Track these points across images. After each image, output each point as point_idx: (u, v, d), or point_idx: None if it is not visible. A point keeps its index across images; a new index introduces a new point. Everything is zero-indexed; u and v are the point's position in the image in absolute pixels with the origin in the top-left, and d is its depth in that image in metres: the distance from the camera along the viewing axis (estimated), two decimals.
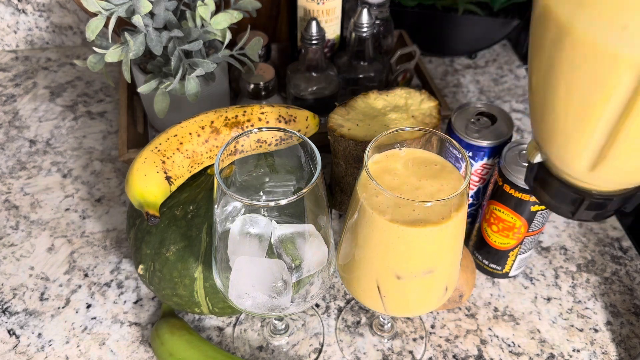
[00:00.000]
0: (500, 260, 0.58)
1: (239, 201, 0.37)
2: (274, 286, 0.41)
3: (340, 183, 0.60)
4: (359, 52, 0.70)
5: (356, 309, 0.58)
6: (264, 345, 0.55)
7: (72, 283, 0.59)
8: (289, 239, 0.42)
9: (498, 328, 0.56)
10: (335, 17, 0.71)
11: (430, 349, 0.54)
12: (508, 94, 0.86)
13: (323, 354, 0.54)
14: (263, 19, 0.78)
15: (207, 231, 0.49)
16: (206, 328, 0.56)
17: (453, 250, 0.41)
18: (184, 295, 0.50)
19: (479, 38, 0.88)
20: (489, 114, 0.57)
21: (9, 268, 0.61)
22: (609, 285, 0.60)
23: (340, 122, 0.56)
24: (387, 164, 0.42)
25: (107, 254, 0.62)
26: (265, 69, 0.70)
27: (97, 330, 0.55)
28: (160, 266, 0.49)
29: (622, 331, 0.56)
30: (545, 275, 0.61)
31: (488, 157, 0.56)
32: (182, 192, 0.52)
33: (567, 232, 0.66)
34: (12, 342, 0.54)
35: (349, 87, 0.72)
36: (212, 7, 0.59)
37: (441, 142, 0.42)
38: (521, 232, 0.54)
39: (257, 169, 0.48)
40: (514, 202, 0.52)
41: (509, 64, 0.92)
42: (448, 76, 0.88)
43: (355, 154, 0.55)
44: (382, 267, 0.41)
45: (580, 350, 0.55)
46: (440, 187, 0.40)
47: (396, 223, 0.38)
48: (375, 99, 0.58)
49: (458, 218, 0.39)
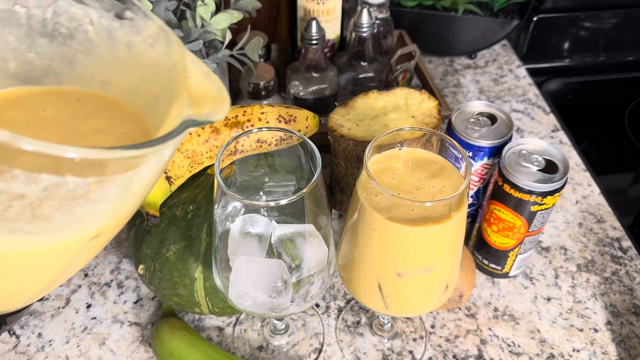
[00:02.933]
0: (500, 260, 0.58)
1: (239, 201, 0.37)
2: (274, 286, 0.41)
3: (340, 183, 0.60)
4: (359, 52, 0.70)
5: (356, 309, 0.58)
6: (264, 345, 0.55)
7: (72, 283, 0.59)
8: (289, 239, 0.42)
9: (498, 328, 0.56)
10: (335, 17, 0.71)
11: (430, 348, 0.54)
12: (508, 94, 0.86)
13: (323, 353, 0.54)
14: (263, 19, 0.78)
15: (207, 231, 0.49)
16: (206, 328, 0.56)
17: (453, 249, 0.41)
18: (184, 295, 0.50)
19: (479, 38, 0.88)
20: (489, 114, 0.57)
21: None
22: (609, 285, 0.60)
23: (340, 122, 0.56)
24: (387, 163, 0.42)
25: (107, 253, 0.62)
26: (265, 69, 0.70)
27: (97, 330, 0.55)
28: (160, 266, 0.49)
29: (622, 331, 0.56)
30: (545, 275, 0.61)
31: (488, 157, 0.56)
32: (182, 192, 0.52)
33: (567, 232, 0.66)
34: (12, 342, 0.54)
35: (349, 87, 0.72)
36: (212, 7, 0.59)
37: (441, 142, 0.42)
38: (521, 232, 0.54)
39: (257, 169, 0.48)
40: (514, 202, 0.52)
41: (508, 64, 0.92)
42: (448, 76, 0.88)
43: (355, 154, 0.55)
44: (382, 266, 0.41)
45: (580, 350, 0.55)
46: (440, 187, 0.40)
47: (396, 222, 0.38)
48: (375, 99, 0.58)
49: (458, 218, 0.39)
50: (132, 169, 0.26)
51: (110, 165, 0.24)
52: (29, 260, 0.27)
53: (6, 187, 0.23)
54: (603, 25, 0.92)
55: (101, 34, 0.33)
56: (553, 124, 0.80)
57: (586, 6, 0.90)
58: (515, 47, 0.94)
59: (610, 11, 0.90)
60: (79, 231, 0.27)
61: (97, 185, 0.25)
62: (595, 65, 0.96)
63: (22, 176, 0.23)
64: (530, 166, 0.52)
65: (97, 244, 0.29)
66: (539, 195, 0.51)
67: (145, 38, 0.33)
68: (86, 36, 0.33)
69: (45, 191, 0.23)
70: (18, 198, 0.23)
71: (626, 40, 0.94)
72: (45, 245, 0.26)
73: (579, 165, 0.74)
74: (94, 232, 0.27)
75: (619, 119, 0.85)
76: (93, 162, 0.23)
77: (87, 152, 0.22)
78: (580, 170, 0.73)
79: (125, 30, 0.33)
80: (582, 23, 0.91)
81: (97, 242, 0.29)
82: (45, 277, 0.29)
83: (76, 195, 0.24)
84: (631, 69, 0.96)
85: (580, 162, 0.74)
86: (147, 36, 0.33)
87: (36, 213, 0.24)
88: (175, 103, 0.31)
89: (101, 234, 0.28)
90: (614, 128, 0.85)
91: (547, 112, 0.83)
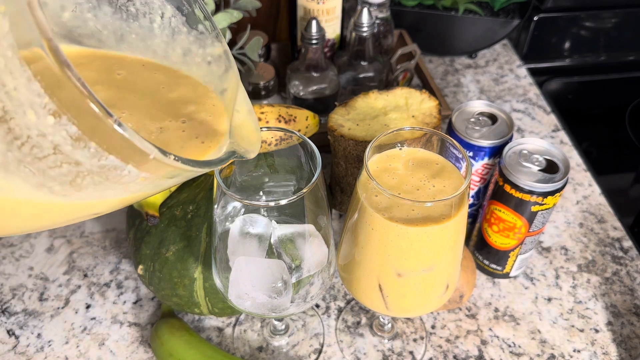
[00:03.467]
0: (500, 261, 0.58)
1: (239, 201, 0.37)
2: (274, 286, 0.41)
3: (340, 183, 0.60)
4: (359, 51, 0.70)
5: (356, 310, 0.58)
6: (264, 345, 0.55)
7: (72, 283, 0.59)
8: (289, 239, 0.42)
9: (498, 328, 0.56)
10: (335, 17, 0.71)
11: (430, 349, 0.54)
12: (508, 94, 0.85)
13: (323, 354, 0.54)
14: (263, 19, 0.78)
15: (206, 231, 0.49)
16: (206, 328, 0.56)
17: (454, 249, 0.41)
18: (183, 296, 0.50)
19: (479, 38, 0.88)
20: (489, 114, 0.57)
21: (8, 268, 0.60)
22: (610, 286, 0.60)
23: (340, 122, 0.56)
24: (387, 163, 0.42)
25: (107, 254, 0.62)
26: (265, 68, 0.70)
27: (96, 330, 0.55)
28: (160, 266, 0.49)
29: (622, 331, 0.56)
30: (545, 275, 0.61)
31: (489, 157, 0.56)
32: (181, 192, 0.52)
33: (568, 232, 0.65)
34: (11, 342, 0.54)
35: (349, 86, 0.72)
36: (211, 7, 0.58)
37: (442, 142, 0.42)
38: (522, 232, 0.54)
39: (257, 169, 0.48)
40: (514, 202, 0.52)
41: (509, 63, 0.91)
42: (448, 76, 0.88)
43: (355, 154, 0.55)
44: (382, 266, 0.41)
45: (581, 350, 0.54)
46: (440, 187, 0.40)
47: (396, 222, 0.38)
48: (376, 99, 0.58)
49: (458, 218, 0.39)
50: (174, 177, 0.27)
51: (166, 169, 0.25)
52: (31, 209, 0.26)
53: (71, 152, 0.23)
54: (604, 25, 0.92)
55: (165, 29, 0.33)
56: (554, 124, 0.80)
57: (587, 6, 0.90)
58: (516, 46, 0.94)
59: (611, 11, 0.90)
60: (93, 207, 0.27)
61: (143, 179, 0.25)
62: (596, 65, 0.95)
63: (93, 150, 0.23)
64: (530, 166, 0.51)
65: (95, 216, 0.29)
66: (540, 195, 0.51)
67: (206, 54, 0.34)
68: (150, 24, 0.33)
69: (100, 168, 0.24)
70: (72, 164, 0.23)
71: (627, 40, 0.94)
72: (55, 206, 0.26)
73: (579, 165, 0.74)
74: (103, 211, 0.28)
75: (619, 118, 0.85)
76: (161, 164, 0.24)
77: (170, 161, 0.23)
78: (580, 170, 0.73)
79: (190, 38, 0.34)
80: (583, 23, 0.91)
81: (96, 215, 0.29)
82: (38, 226, 0.29)
83: (121, 181, 0.25)
84: (632, 68, 0.96)
85: (580, 162, 0.74)
86: (208, 54, 0.34)
87: (75, 181, 0.24)
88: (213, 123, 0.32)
89: (102, 213, 0.29)
90: (614, 128, 0.85)
91: (548, 112, 0.82)
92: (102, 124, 0.21)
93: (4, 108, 0.22)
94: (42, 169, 0.23)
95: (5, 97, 0.21)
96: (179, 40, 0.34)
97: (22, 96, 0.21)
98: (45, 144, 0.22)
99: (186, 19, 0.33)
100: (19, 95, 0.21)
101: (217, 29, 0.33)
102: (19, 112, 0.22)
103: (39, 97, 0.21)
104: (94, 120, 0.21)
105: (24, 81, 0.21)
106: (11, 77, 0.21)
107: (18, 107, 0.21)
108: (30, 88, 0.21)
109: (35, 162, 0.23)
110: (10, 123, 0.22)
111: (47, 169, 0.23)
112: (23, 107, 0.21)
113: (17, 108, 0.21)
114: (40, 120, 0.22)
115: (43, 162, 0.23)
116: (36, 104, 0.21)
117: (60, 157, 0.23)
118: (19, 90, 0.21)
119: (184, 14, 0.33)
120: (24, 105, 0.21)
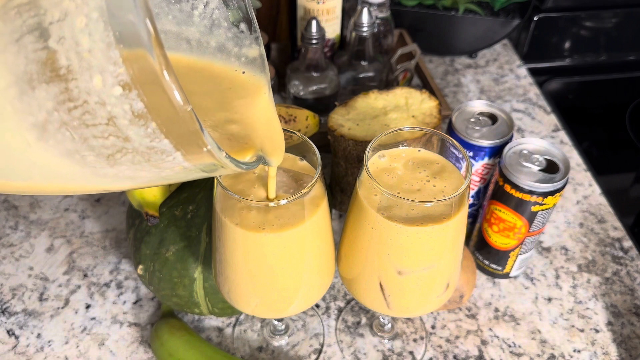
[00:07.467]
0: (500, 261, 0.58)
1: (238, 201, 0.37)
2: None
3: (340, 183, 0.60)
4: (359, 51, 0.70)
5: (356, 310, 0.57)
6: (264, 345, 0.54)
7: (72, 283, 0.59)
8: None
9: (499, 328, 0.56)
10: (335, 17, 0.71)
11: (430, 349, 0.54)
12: (509, 94, 0.85)
13: (323, 354, 0.54)
14: (263, 19, 0.78)
15: (206, 231, 0.49)
16: (206, 328, 0.56)
17: (454, 249, 0.41)
18: (183, 296, 0.50)
19: (480, 37, 0.88)
20: (489, 114, 0.57)
21: (8, 268, 0.60)
22: (610, 286, 0.60)
23: (340, 122, 0.56)
24: (387, 163, 0.42)
25: (107, 254, 0.62)
26: None
27: (96, 330, 0.55)
28: (160, 266, 0.49)
29: (623, 332, 0.56)
30: (546, 275, 0.61)
31: (489, 157, 0.56)
32: (181, 192, 0.52)
33: (568, 232, 0.65)
34: (11, 342, 0.54)
35: (349, 86, 0.72)
36: None
37: (442, 142, 0.42)
38: (522, 233, 0.54)
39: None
40: (514, 202, 0.52)
41: (509, 63, 0.91)
42: (448, 76, 0.88)
43: (355, 153, 0.55)
44: (383, 265, 0.41)
45: (581, 350, 0.54)
46: (441, 187, 0.40)
47: (396, 222, 0.38)
48: (376, 99, 0.58)
49: (458, 218, 0.39)
50: (208, 171, 0.26)
51: (209, 162, 0.24)
52: (44, 170, 0.25)
53: (126, 127, 0.22)
54: (604, 25, 0.91)
55: (205, 19, 0.32)
56: (554, 124, 0.80)
57: (587, 6, 0.90)
58: (516, 46, 0.94)
59: (611, 11, 0.90)
60: (113, 182, 0.26)
61: (181, 168, 0.24)
62: (596, 65, 0.95)
63: (151, 130, 0.22)
64: (531, 166, 0.51)
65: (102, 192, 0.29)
66: (540, 195, 0.51)
67: (240, 53, 0.33)
68: (190, 10, 0.32)
69: (148, 149, 0.23)
70: (121, 138, 0.22)
71: (627, 40, 0.94)
72: (75, 174, 0.25)
73: (579, 165, 0.74)
74: (117, 189, 0.27)
75: (619, 118, 0.85)
76: (210, 158, 0.23)
77: (222, 157, 0.23)
78: (581, 170, 0.73)
79: (227, 34, 0.33)
80: (583, 22, 0.91)
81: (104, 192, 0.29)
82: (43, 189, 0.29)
83: (160, 165, 0.24)
84: (632, 68, 0.96)
85: (581, 162, 0.74)
86: (244, 54, 0.33)
87: (115, 156, 0.23)
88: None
89: (114, 190, 0.28)
90: (614, 128, 0.85)
91: (548, 111, 0.82)
92: (173, 108, 0.20)
93: (68, 67, 0.21)
94: (85, 137, 0.22)
95: (75, 56, 0.20)
96: (216, 34, 0.33)
97: (95, 60, 0.20)
98: (101, 113, 0.21)
99: (230, 14, 0.32)
100: (92, 58, 0.20)
101: (258, 31, 0.32)
102: (85, 75, 0.21)
103: (114, 66, 0.20)
104: (166, 103, 0.20)
105: (102, 46, 0.20)
106: (89, 38, 0.20)
107: (85, 70, 0.20)
108: (108, 55, 0.20)
109: (81, 128, 0.22)
110: (70, 84, 0.21)
111: (90, 138, 0.22)
112: (91, 71, 0.20)
113: (84, 70, 0.20)
114: (106, 88, 0.21)
115: (90, 129, 0.22)
116: (107, 72, 0.20)
117: (111, 129, 0.22)
118: (93, 53, 0.20)
119: (230, 8, 0.32)
120: (93, 69, 0.20)
